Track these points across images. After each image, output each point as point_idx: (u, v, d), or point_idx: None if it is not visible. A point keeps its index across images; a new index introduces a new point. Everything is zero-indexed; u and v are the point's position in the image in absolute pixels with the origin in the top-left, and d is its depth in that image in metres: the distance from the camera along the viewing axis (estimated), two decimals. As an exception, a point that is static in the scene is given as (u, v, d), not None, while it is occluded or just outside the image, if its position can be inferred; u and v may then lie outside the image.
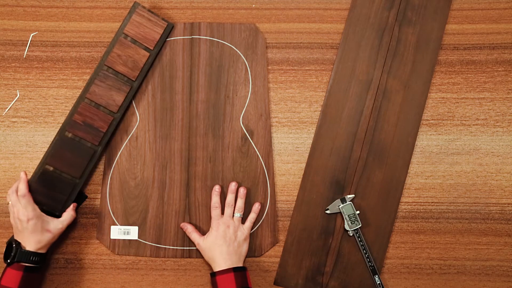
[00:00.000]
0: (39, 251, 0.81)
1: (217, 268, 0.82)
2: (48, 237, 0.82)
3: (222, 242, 0.83)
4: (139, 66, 0.89)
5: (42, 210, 0.83)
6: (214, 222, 0.86)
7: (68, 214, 0.85)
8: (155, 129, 0.92)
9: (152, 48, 0.90)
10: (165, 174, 0.91)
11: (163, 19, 0.90)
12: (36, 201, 0.83)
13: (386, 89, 0.92)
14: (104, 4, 0.95)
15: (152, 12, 0.89)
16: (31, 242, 0.80)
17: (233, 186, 0.88)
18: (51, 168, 0.86)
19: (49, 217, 0.83)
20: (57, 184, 0.86)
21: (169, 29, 0.92)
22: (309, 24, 0.95)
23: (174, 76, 0.92)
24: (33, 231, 0.80)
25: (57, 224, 0.83)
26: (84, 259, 0.90)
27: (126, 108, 0.90)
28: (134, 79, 0.89)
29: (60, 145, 0.86)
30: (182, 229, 0.89)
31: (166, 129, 0.92)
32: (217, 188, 0.88)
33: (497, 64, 0.94)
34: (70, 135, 0.87)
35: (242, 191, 0.88)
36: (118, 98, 0.88)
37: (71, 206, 0.86)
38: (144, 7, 0.88)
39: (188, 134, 0.92)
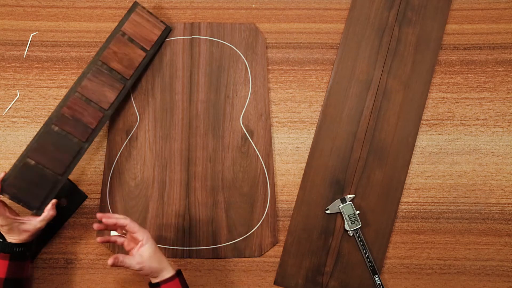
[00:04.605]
0: (23, 242, 0.80)
1: (165, 273, 0.75)
2: (27, 235, 0.80)
3: (155, 247, 0.76)
4: (134, 65, 0.89)
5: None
6: (143, 234, 0.76)
7: (47, 213, 0.81)
8: (155, 129, 0.92)
9: (148, 49, 0.90)
10: (165, 174, 0.91)
11: (161, 21, 0.90)
12: (13, 196, 0.80)
13: (386, 89, 0.92)
14: (104, 4, 0.95)
15: (151, 14, 0.89)
16: (11, 239, 0.79)
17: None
18: (33, 162, 0.81)
19: (25, 218, 0.80)
20: (38, 179, 0.81)
21: (167, 32, 0.92)
22: (309, 24, 0.95)
23: (174, 76, 0.92)
24: (9, 232, 0.78)
25: (35, 224, 0.80)
26: (84, 259, 0.90)
27: (117, 107, 0.89)
28: (128, 78, 0.89)
29: (45, 139, 0.82)
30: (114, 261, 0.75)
31: (166, 129, 0.92)
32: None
33: (497, 64, 0.94)
34: (56, 128, 0.83)
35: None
36: (110, 95, 0.87)
37: (51, 204, 0.81)
38: (144, 8, 0.88)
39: (188, 134, 0.92)
